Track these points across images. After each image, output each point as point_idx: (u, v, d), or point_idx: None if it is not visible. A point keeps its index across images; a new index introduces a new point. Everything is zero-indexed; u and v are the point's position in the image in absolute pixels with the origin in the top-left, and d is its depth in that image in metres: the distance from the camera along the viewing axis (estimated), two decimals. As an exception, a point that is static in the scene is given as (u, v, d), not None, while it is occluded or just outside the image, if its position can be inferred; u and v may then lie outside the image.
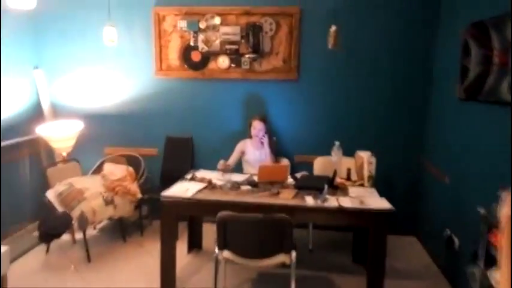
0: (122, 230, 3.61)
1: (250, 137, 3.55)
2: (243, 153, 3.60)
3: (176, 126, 3.97)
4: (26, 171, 3.77)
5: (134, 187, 3.46)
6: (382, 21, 3.62)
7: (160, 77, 3.88)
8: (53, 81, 4.01)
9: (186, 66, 3.84)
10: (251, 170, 3.52)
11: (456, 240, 2.88)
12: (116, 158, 3.79)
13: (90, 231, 3.71)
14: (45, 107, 3.95)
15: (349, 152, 3.40)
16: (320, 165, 3.66)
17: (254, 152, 3.55)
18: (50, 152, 3.96)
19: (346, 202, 2.63)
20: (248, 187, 2.93)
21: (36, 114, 3.88)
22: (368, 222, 2.59)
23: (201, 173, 3.25)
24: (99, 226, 3.81)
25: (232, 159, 3.56)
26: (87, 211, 3.09)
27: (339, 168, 3.18)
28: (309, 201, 2.65)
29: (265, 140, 3.46)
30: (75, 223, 3.11)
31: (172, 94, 3.92)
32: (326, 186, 2.74)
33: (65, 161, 3.65)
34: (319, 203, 2.62)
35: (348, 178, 3.14)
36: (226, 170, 3.25)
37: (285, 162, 3.68)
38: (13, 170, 3.63)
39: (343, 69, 3.71)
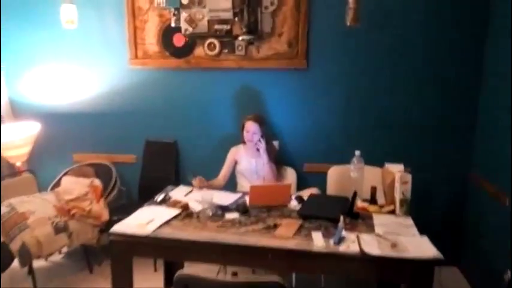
0: (87, 259, 2.90)
1: (244, 142, 2.76)
2: (236, 162, 2.82)
3: (157, 128, 3.22)
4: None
5: (98, 207, 2.74)
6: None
7: (136, 66, 3.12)
8: (12, 75, 3.30)
9: (166, 53, 3.07)
10: (245, 185, 2.75)
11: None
12: (81, 168, 3.07)
13: (53, 257, 3.04)
14: (2, 106, 3.26)
15: (373, 162, 2.58)
16: (336, 177, 2.86)
17: (249, 160, 2.77)
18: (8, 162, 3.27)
19: (371, 245, 1.82)
20: (235, 215, 2.16)
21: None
22: (403, 277, 1.77)
23: (178, 192, 2.50)
24: (63, 250, 3.12)
25: (224, 172, 2.80)
26: (30, 242, 2.39)
27: (360, 187, 2.36)
28: (318, 241, 1.85)
29: (262, 145, 2.67)
30: (16, 257, 2.41)
31: (151, 88, 3.16)
32: (342, 220, 1.93)
33: (16, 173, 2.96)
34: (331, 245, 1.82)
35: (373, 200, 2.32)
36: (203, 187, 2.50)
37: (287, 178, 2.89)
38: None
39: (366, 55, 2.86)
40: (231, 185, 2.85)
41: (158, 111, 3.18)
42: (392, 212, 2.21)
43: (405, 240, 1.87)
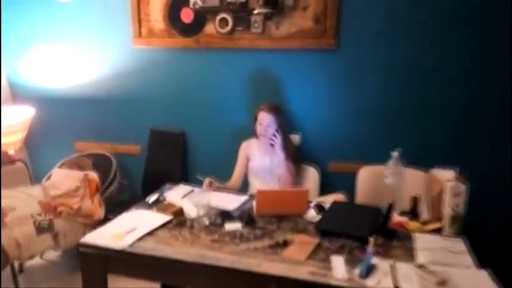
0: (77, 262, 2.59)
1: (256, 135, 2.33)
2: (247, 159, 2.40)
3: (163, 115, 2.85)
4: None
5: (90, 204, 2.41)
6: None
7: (140, 46, 2.75)
8: (8, 57, 3.03)
9: (174, 30, 2.67)
10: (258, 186, 2.33)
11: None
12: (77, 159, 2.76)
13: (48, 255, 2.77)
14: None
15: (416, 164, 2.10)
16: (368, 180, 2.39)
17: (262, 157, 2.34)
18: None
19: (410, 280, 1.35)
20: (237, 225, 1.74)
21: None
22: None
23: (176, 192, 2.12)
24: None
25: (237, 173, 2.40)
26: (8, 243, 2.10)
27: (398, 196, 1.88)
28: (338, 269, 1.41)
29: (277, 140, 2.23)
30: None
31: (156, 71, 2.78)
32: (372, 242, 1.47)
33: (8, 163, 2.68)
34: (356, 278, 1.37)
35: (413, 214, 1.83)
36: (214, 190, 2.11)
37: (308, 179, 2.44)
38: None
39: (408, 36, 2.33)
40: (243, 185, 2.44)
41: (164, 97, 2.80)
42: (439, 230, 1.72)
43: (457, 274, 1.38)
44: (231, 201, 1.98)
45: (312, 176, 2.49)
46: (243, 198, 2.03)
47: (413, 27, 2.31)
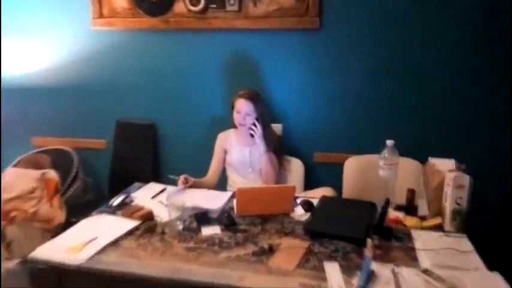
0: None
1: (235, 126, 2.10)
2: (225, 152, 2.17)
3: (130, 106, 2.58)
4: None
5: (48, 207, 2.13)
6: None
7: (101, 27, 2.45)
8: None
9: (139, 9, 2.39)
10: (238, 181, 2.13)
11: None
12: (34, 157, 2.47)
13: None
14: None
15: (408, 154, 1.93)
16: (356, 171, 2.22)
17: (241, 150, 2.12)
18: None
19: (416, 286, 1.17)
20: (216, 229, 1.53)
21: None
22: None
23: (145, 192, 1.88)
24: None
25: (214, 168, 2.16)
26: None
27: (392, 189, 1.71)
28: (334, 280, 1.21)
29: (258, 130, 2.01)
30: None
31: (121, 55, 2.49)
32: (370, 245, 1.28)
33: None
34: (357, 287, 1.18)
35: (410, 208, 1.66)
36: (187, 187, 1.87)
37: (292, 172, 2.24)
38: None
39: (404, 8, 2.14)
40: (220, 180, 2.21)
41: (130, 85, 2.53)
42: (440, 227, 1.56)
43: (467, 279, 1.22)
44: (211, 200, 1.75)
45: (296, 169, 2.29)
46: (225, 196, 1.81)
47: (404, 4, 2.13)
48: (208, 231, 1.52)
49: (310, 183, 2.27)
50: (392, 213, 1.62)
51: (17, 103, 2.68)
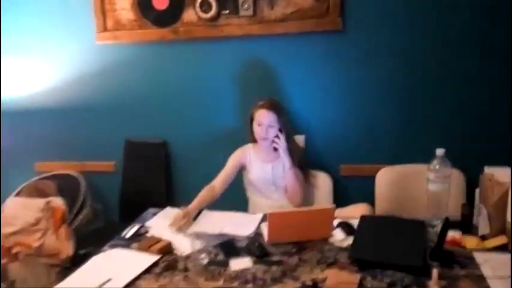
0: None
1: (254, 140, 1.91)
2: (243, 168, 1.97)
3: (140, 124, 2.40)
4: None
5: (54, 240, 1.94)
6: None
7: (106, 41, 2.29)
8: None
9: (145, 20, 2.23)
10: (259, 203, 1.93)
11: None
12: (37, 184, 2.28)
13: None
14: None
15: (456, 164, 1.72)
16: (389, 184, 2.01)
17: (262, 166, 1.91)
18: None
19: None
20: (247, 262, 1.32)
21: None
22: None
23: (161, 219, 1.68)
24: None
25: (221, 179, 1.88)
26: None
27: (445, 205, 1.49)
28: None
29: (281, 142, 1.82)
30: None
31: (127, 70, 2.32)
32: (436, 275, 1.07)
33: None
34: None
35: (466, 226, 1.45)
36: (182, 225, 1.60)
37: (319, 187, 2.03)
38: None
39: (434, 10, 1.96)
40: (239, 202, 2.01)
41: (138, 102, 2.35)
42: (504, 248, 1.34)
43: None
44: (239, 225, 1.54)
45: (322, 184, 2.08)
46: (255, 220, 1.59)
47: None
48: (237, 264, 1.31)
49: (337, 199, 2.06)
50: (451, 237, 1.40)
51: (18, 126, 2.51)
